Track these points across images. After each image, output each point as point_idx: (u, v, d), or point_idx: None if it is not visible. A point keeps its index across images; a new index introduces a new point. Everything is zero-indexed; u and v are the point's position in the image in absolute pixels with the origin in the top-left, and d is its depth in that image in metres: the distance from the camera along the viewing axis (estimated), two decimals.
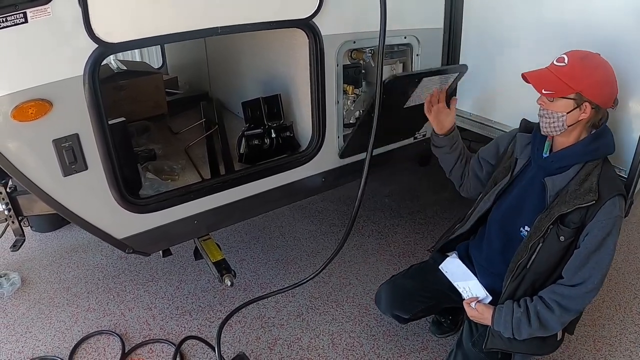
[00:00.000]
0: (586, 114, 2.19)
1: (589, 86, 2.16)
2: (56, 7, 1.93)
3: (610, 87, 2.23)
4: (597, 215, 2.16)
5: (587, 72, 2.18)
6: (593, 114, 2.21)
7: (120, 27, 2.10)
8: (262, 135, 3.12)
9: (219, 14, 2.35)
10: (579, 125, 2.25)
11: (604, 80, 2.20)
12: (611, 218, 2.15)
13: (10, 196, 2.56)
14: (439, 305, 2.94)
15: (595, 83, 2.17)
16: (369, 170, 2.71)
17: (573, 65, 2.20)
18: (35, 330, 3.28)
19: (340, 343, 3.14)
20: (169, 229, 2.64)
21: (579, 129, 2.27)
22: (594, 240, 2.18)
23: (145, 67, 4.97)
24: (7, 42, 1.88)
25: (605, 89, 2.21)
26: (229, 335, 3.20)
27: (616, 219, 2.16)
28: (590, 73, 2.18)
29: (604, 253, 2.18)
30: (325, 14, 2.66)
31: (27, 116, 1.99)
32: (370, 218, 4.57)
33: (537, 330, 2.28)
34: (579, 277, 2.21)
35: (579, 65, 2.19)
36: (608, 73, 2.22)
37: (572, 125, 2.24)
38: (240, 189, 2.81)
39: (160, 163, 3.23)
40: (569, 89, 2.18)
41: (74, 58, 2.04)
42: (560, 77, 2.20)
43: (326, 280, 3.70)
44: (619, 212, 2.16)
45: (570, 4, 2.71)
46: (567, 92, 2.19)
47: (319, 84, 2.84)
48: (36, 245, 4.25)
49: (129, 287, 3.69)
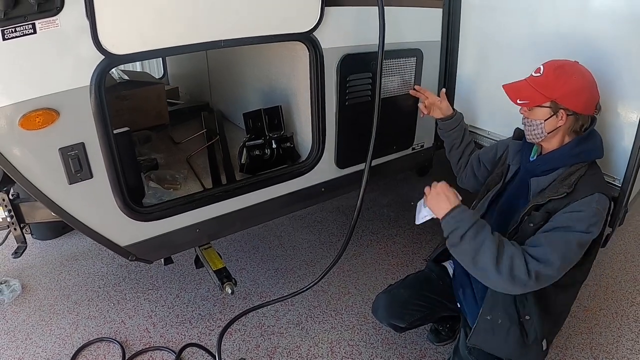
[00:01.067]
0: (563, 120, 2.26)
1: (564, 94, 2.22)
2: (64, 19, 1.97)
3: (587, 93, 2.27)
4: (570, 205, 2.18)
5: (562, 81, 2.23)
6: (572, 120, 2.27)
7: (126, 39, 2.14)
8: (263, 145, 3.16)
9: (223, 27, 2.39)
10: (560, 132, 2.31)
11: (579, 88, 2.24)
12: (583, 211, 2.15)
13: (13, 203, 2.57)
14: (435, 314, 2.94)
15: (570, 91, 2.23)
16: (367, 180, 2.75)
17: (547, 74, 2.27)
18: (36, 337, 3.29)
19: (339, 351, 3.16)
20: (171, 237, 2.67)
21: (561, 134, 2.32)
22: (558, 220, 2.18)
23: (147, 77, 5.00)
24: (16, 52, 1.91)
25: (581, 96, 2.25)
26: (228, 343, 3.21)
27: (590, 213, 2.15)
28: (565, 81, 2.23)
29: (563, 236, 2.14)
30: (326, 27, 2.71)
31: (34, 125, 2.03)
32: (368, 228, 4.60)
33: (471, 248, 2.16)
34: (534, 251, 2.15)
35: (552, 75, 2.26)
36: (584, 80, 2.27)
37: (552, 132, 2.31)
38: (241, 199, 2.84)
39: (162, 172, 3.26)
40: (543, 97, 2.26)
41: (81, 68, 2.08)
42: (535, 87, 2.28)
43: (325, 289, 3.72)
44: (595, 207, 2.15)
45: (565, 16, 2.77)
46: (541, 101, 2.27)
47: (319, 95, 2.88)
48: (37, 252, 4.26)
49: (129, 294, 3.70)
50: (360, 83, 3.03)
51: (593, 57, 2.54)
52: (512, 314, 2.38)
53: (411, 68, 3.28)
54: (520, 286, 2.10)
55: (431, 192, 2.39)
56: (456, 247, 2.22)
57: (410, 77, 3.29)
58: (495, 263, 2.09)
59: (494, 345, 2.44)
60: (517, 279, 2.08)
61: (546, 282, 2.12)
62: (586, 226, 2.12)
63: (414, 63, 3.28)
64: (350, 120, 3.09)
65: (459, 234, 2.19)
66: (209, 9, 2.32)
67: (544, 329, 2.38)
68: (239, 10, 2.41)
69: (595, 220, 2.14)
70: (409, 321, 2.88)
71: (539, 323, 2.36)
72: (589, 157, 2.32)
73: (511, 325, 2.37)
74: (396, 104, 3.27)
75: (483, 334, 2.45)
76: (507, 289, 2.15)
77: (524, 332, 2.37)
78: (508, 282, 2.09)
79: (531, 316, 2.36)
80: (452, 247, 2.25)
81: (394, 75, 3.21)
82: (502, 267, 2.09)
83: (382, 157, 3.00)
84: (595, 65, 2.36)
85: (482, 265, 2.13)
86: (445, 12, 3.33)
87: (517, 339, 2.37)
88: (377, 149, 2.74)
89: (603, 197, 2.19)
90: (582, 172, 2.26)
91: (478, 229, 2.17)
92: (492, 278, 2.13)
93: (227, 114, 4.42)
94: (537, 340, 2.38)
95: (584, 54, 2.54)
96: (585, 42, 2.66)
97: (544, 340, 2.41)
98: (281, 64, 3.25)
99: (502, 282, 2.11)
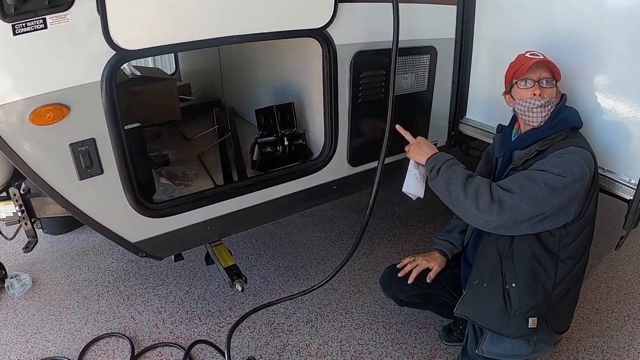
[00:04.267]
0: (559, 93, 2.49)
1: (556, 68, 2.45)
2: (75, 14, 1.96)
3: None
4: (549, 155, 2.32)
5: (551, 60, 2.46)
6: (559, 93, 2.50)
7: (137, 34, 2.14)
8: (275, 142, 3.15)
9: (235, 23, 2.38)
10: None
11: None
12: (561, 157, 2.25)
13: (24, 198, 2.58)
14: (435, 297, 2.92)
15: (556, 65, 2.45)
16: (380, 178, 2.73)
17: (544, 56, 2.47)
18: (45, 331, 3.30)
19: (348, 350, 3.15)
20: (181, 234, 2.67)
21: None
22: (534, 164, 2.32)
23: (158, 73, 5.00)
24: (27, 47, 1.91)
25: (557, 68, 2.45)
26: (238, 340, 3.20)
27: (569, 159, 2.24)
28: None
29: (530, 173, 2.28)
30: (339, 24, 2.70)
31: (45, 120, 2.02)
32: (380, 226, 4.58)
33: (445, 179, 2.37)
34: (502, 182, 2.32)
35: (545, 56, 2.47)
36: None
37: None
38: (252, 196, 2.84)
39: (173, 168, 3.25)
40: (558, 73, 2.46)
41: (92, 64, 2.07)
42: (549, 66, 2.44)
43: (336, 288, 3.71)
44: (577, 157, 2.24)
45: (580, 14, 2.73)
46: (559, 77, 2.48)
47: (332, 92, 2.87)
48: (47, 247, 4.28)
49: (139, 290, 3.71)
50: (374, 80, 3.01)
51: (608, 56, 2.52)
52: (497, 279, 2.45)
53: (425, 65, 3.26)
54: (485, 211, 2.22)
55: (412, 144, 2.62)
56: (434, 180, 2.42)
57: (424, 74, 3.27)
58: (463, 188, 2.28)
59: (478, 313, 2.50)
60: (482, 203, 2.22)
61: (511, 212, 2.21)
62: (559, 170, 2.21)
63: (427, 60, 3.26)
64: (363, 117, 3.08)
65: (436, 168, 2.41)
66: (221, 4, 2.30)
67: (529, 303, 2.38)
68: (251, 6, 2.39)
69: (572, 169, 2.21)
70: (408, 293, 2.91)
71: (525, 293, 2.39)
72: (565, 126, 2.43)
73: (495, 290, 2.44)
74: (409, 101, 3.26)
75: (469, 301, 2.54)
76: (475, 216, 2.27)
77: (507, 301, 2.41)
78: (474, 207, 2.24)
79: (517, 284, 2.40)
80: (431, 181, 2.46)
81: (408, 73, 3.19)
82: (469, 191, 2.26)
83: (395, 155, 2.98)
84: (610, 65, 2.34)
85: (454, 194, 2.31)
86: (460, 9, 3.30)
87: (500, 307, 2.42)
88: (390, 147, 2.72)
89: (584, 152, 2.28)
90: (560, 139, 2.39)
91: (452, 163, 2.40)
92: (462, 203, 2.29)
93: (238, 110, 4.41)
94: (520, 312, 2.39)
95: (599, 53, 2.53)
96: (600, 41, 2.63)
97: (531, 318, 2.39)
98: (294, 61, 3.23)
99: (470, 207, 2.26)
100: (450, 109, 3.62)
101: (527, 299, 2.37)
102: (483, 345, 2.53)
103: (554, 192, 2.18)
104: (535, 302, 2.39)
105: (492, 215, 2.20)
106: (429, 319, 3.37)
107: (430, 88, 3.37)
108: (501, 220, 2.22)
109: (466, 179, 2.30)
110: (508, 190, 2.22)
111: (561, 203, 2.23)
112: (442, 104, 3.54)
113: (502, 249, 2.46)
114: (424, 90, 3.35)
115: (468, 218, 2.32)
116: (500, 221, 2.22)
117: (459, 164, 2.41)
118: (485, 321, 2.49)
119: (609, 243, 4.19)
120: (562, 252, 2.38)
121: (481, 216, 2.23)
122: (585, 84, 2.66)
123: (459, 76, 3.50)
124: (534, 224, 2.29)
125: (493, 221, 2.23)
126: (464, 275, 2.82)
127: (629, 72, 2.53)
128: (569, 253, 2.40)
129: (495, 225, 2.27)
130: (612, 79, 2.35)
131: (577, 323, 3.31)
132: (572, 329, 3.20)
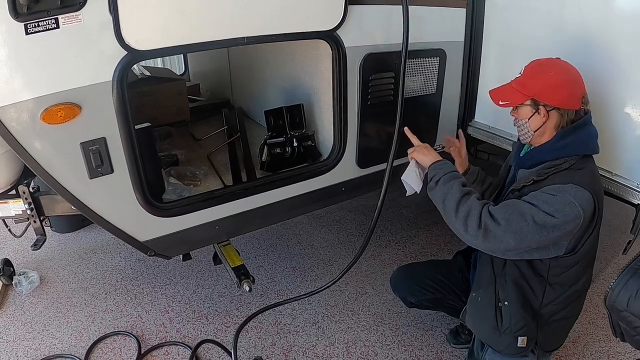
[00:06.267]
0: (546, 117, 2.29)
1: (540, 90, 2.27)
2: (87, 14, 1.98)
3: (566, 87, 2.27)
4: (544, 187, 2.21)
5: (538, 77, 2.29)
6: (557, 116, 2.29)
7: (149, 35, 2.15)
8: (284, 143, 3.16)
9: (245, 24, 2.38)
10: (547, 129, 2.33)
11: (557, 82, 2.26)
12: (555, 195, 2.14)
13: (33, 196, 2.59)
14: (445, 301, 2.95)
15: (547, 86, 2.26)
16: (389, 180, 2.73)
17: (526, 73, 2.35)
18: (53, 329, 3.32)
19: (354, 352, 3.15)
20: (190, 233, 2.68)
21: (549, 132, 2.34)
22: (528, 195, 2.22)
23: (168, 73, 5.01)
24: (39, 46, 1.93)
25: (559, 90, 2.26)
26: (244, 340, 3.21)
27: (562, 200, 2.12)
28: (542, 78, 2.28)
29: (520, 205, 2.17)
30: (349, 26, 2.70)
31: (56, 119, 2.04)
32: (387, 228, 4.58)
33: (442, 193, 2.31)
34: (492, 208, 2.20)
35: (530, 72, 2.33)
36: (563, 75, 2.29)
37: (539, 130, 2.34)
38: (261, 196, 2.84)
39: (183, 168, 3.27)
40: (522, 96, 2.32)
41: (104, 64, 2.09)
42: (516, 86, 2.35)
43: (342, 289, 3.71)
44: (571, 199, 2.12)
45: (590, 16, 2.72)
46: (520, 100, 2.33)
47: (342, 94, 2.87)
48: (56, 245, 4.30)
49: (146, 289, 3.72)
50: (383, 82, 3.01)
51: (618, 58, 2.51)
52: (491, 295, 2.47)
53: (434, 68, 3.25)
54: (472, 235, 2.17)
55: (417, 147, 2.58)
56: (432, 190, 2.37)
57: (433, 77, 3.27)
58: (456, 207, 2.22)
59: (475, 325, 2.57)
60: (470, 226, 2.17)
61: (494, 242, 2.15)
62: (550, 208, 2.12)
63: (437, 63, 3.25)
64: (372, 120, 3.08)
65: (435, 179, 2.36)
66: (231, 5, 2.31)
67: (519, 322, 2.40)
68: (261, 8, 2.40)
69: (564, 210, 2.11)
70: (418, 298, 2.97)
71: (515, 313, 2.41)
72: (575, 151, 2.29)
73: (489, 306, 2.47)
74: (418, 104, 3.26)
75: (469, 312, 2.58)
76: (462, 236, 2.23)
77: (499, 317, 2.44)
78: (462, 228, 2.19)
79: (509, 303, 2.42)
80: (429, 190, 2.40)
81: (417, 75, 3.18)
82: (460, 212, 2.20)
83: (404, 158, 2.98)
84: (620, 67, 2.33)
85: (447, 210, 2.26)
86: (469, 12, 3.29)
87: (492, 322, 2.46)
88: (399, 149, 2.72)
89: (582, 191, 2.15)
90: (565, 166, 2.26)
91: (451, 177, 2.33)
92: (452, 221, 2.24)
93: (248, 111, 4.42)
94: (510, 331, 2.42)
95: (609, 55, 2.52)
96: (610, 43, 2.62)
97: (521, 337, 2.42)
98: (303, 62, 3.24)
99: (459, 227, 2.21)
100: (458, 111, 3.62)
101: (517, 318, 2.40)
102: (486, 354, 2.56)
103: (541, 230, 2.11)
104: (525, 321, 2.41)
105: (477, 240, 2.16)
106: (435, 321, 3.37)
107: (439, 91, 3.37)
108: (486, 246, 2.19)
109: (461, 197, 2.23)
110: (495, 219, 2.14)
111: (550, 239, 2.16)
112: (450, 106, 3.53)
113: (497, 268, 2.49)
114: (433, 92, 3.34)
115: (458, 235, 2.27)
116: (485, 247, 2.21)
117: (458, 178, 2.34)
118: (479, 333, 2.57)
119: (616, 247, 4.17)
120: (551, 278, 2.37)
121: (468, 238, 2.20)
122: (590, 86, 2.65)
123: (468, 79, 3.48)
124: (522, 253, 2.24)
125: (479, 245, 2.20)
126: (472, 278, 2.82)
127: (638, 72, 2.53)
128: (558, 280, 2.38)
129: (482, 249, 2.25)
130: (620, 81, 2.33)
131: (583, 327, 3.31)
132: (578, 333, 3.22)
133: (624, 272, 1.98)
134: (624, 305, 1.94)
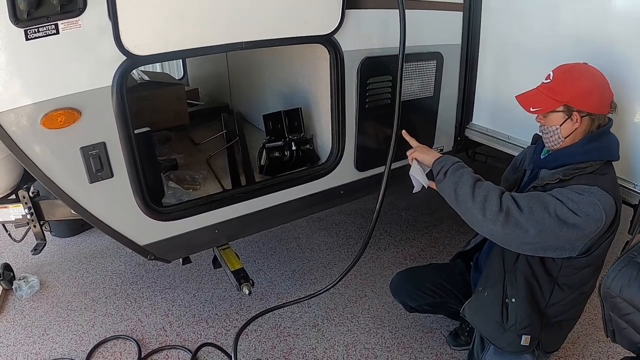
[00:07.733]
0: (578, 123, 2.26)
1: (574, 97, 2.23)
2: (87, 20, 1.99)
3: (598, 93, 2.27)
4: (572, 185, 2.18)
5: (570, 83, 2.25)
6: (587, 121, 2.27)
7: (148, 40, 2.16)
8: (283, 147, 3.17)
9: (243, 29, 2.40)
10: (577, 135, 2.30)
11: (589, 89, 2.25)
12: (582, 194, 2.12)
13: (33, 201, 2.61)
14: (446, 305, 2.97)
15: (580, 93, 2.23)
16: (387, 183, 2.74)
17: (557, 79, 2.30)
18: (53, 333, 3.32)
19: (354, 354, 3.15)
20: (190, 237, 2.69)
21: (578, 138, 2.31)
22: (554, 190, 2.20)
23: (167, 78, 5.03)
24: (39, 52, 1.94)
25: (592, 96, 2.25)
26: (244, 343, 3.22)
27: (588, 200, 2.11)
28: (574, 83, 2.25)
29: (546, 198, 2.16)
30: (346, 30, 2.72)
31: (56, 124, 2.06)
32: (386, 231, 4.59)
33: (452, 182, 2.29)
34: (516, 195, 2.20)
35: (561, 79, 2.29)
36: (594, 80, 2.27)
37: (570, 136, 2.30)
38: (260, 200, 2.85)
39: (182, 173, 3.28)
40: (555, 102, 2.27)
41: (103, 69, 2.10)
42: (547, 93, 2.30)
43: (342, 292, 3.71)
44: (597, 201, 2.10)
45: (586, 19, 2.75)
46: (554, 106, 2.28)
47: (339, 98, 2.89)
48: (56, 249, 4.30)
49: (146, 293, 3.72)
50: (381, 86, 3.03)
51: (615, 61, 2.52)
52: (499, 291, 2.46)
53: (431, 71, 3.27)
54: (491, 220, 2.14)
55: (417, 148, 2.55)
56: (441, 183, 2.34)
57: (431, 80, 3.29)
58: (472, 192, 2.20)
59: (478, 319, 2.55)
60: (489, 210, 2.14)
61: (514, 229, 2.12)
62: (575, 206, 2.10)
63: (434, 66, 3.27)
64: (370, 123, 3.10)
65: (443, 170, 2.33)
66: (230, 11, 2.33)
67: (525, 320, 2.40)
68: (259, 13, 2.42)
69: (588, 210, 2.09)
70: (418, 302, 2.97)
71: (521, 310, 2.40)
72: (600, 156, 2.28)
73: (495, 302, 2.46)
74: (416, 107, 3.28)
75: (473, 307, 2.57)
76: (480, 222, 2.19)
77: (505, 315, 2.43)
78: (480, 212, 2.16)
79: (517, 300, 2.41)
80: (438, 183, 2.37)
81: (414, 79, 3.20)
82: (477, 196, 2.18)
83: (401, 161, 2.99)
84: (617, 69, 2.35)
85: (462, 197, 2.23)
86: (466, 15, 3.31)
87: (497, 319, 2.45)
88: (397, 152, 2.74)
89: (606, 196, 2.14)
90: (589, 170, 2.24)
91: (459, 166, 2.32)
92: (469, 207, 2.21)
93: (246, 115, 4.43)
94: (515, 328, 2.42)
95: (606, 58, 2.53)
96: (607, 46, 2.64)
97: (525, 336, 2.42)
98: (302, 67, 3.25)
99: (476, 212, 2.18)
100: (456, 114, 3.63)
101: (523, 316, 2.40)
102: (486, 356, 2.56)
103: (562, 225, 2.09)
104: (530, 320, 2.41)
105: (496, 225, 2.13)
106: (435, 324, 3.38)
107: (436, 94, 3.39)
108: (504, 233, 2.14)
109: (475, 182, 2.22)
110: (518, 206, 2.12)
111: (567, 237, 2.14)
112: (448, 109, 3.55)
113: (508, 263, 2.47)
114: (431, 95, 3.36)
115: (474, 224, 2.24)
116: (503, 234, 2.15)
117: (467, 167, 2.33)
118: (482, 328, 2.55)
119: (614, 248, 4.16)
120: (561, 278, 2.36)
121: (486, 224, 2.16)
122: None
123: (465, 82, 3.50)
124: (537, 249, 2.24)
125: (497, 231, 2.16)
126: (473, 281, 2.83)
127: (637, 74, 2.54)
128: (567, 281, 2.38)
129: (498, 237, 2.21)
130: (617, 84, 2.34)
131: (583, 328, 3.31)
132: (578, 334, 3.22)
133: (619, 261, 1.99)
134: (617, 291, 1.96)
